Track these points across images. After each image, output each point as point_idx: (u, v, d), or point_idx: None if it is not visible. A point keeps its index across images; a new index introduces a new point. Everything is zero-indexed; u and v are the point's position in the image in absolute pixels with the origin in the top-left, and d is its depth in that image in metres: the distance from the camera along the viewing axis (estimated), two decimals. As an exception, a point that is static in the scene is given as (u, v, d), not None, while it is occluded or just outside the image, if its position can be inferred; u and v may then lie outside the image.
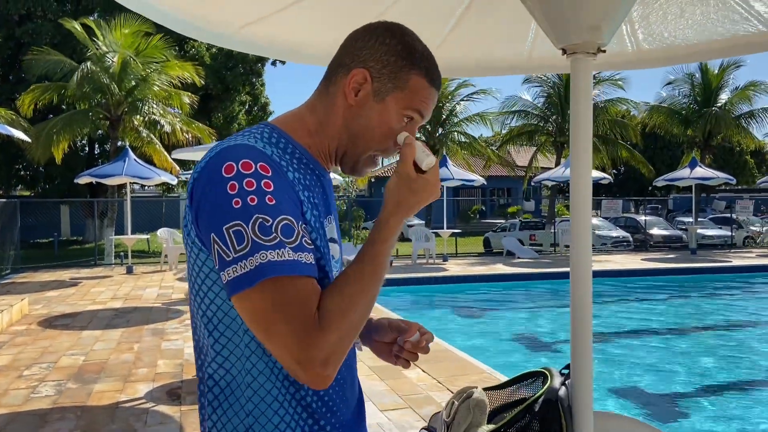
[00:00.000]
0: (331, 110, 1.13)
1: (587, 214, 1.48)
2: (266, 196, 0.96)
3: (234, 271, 0.93)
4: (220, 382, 1.06)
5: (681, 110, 25.90)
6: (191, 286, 1.08)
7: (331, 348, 0.93)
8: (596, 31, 1.45)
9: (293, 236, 0.96)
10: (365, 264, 1.02)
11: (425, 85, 1.11)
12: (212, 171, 0.98)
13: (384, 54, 1.10)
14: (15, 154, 23.04)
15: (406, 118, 1.11)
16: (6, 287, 12.27)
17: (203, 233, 0.98)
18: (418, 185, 1.07)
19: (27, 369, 6.16)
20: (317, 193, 1.10)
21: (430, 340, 1.24)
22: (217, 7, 1.84)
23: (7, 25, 23.47)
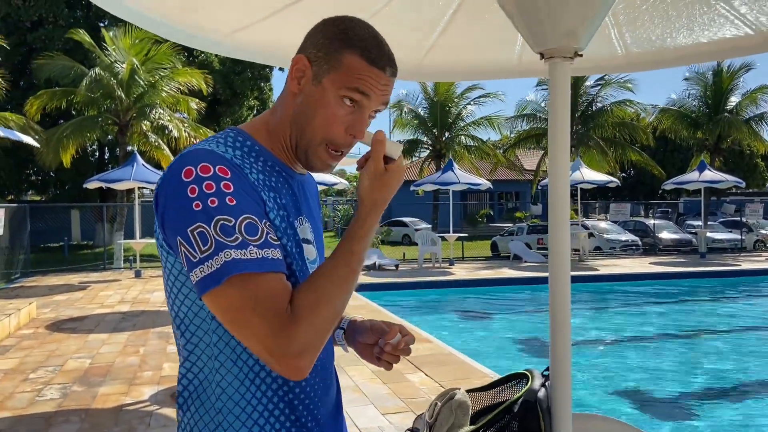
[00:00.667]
0: (284, 105, 1.14)
1: (565, 218, 1.49)
2: (226, 198, 0.98)
3: (201, 271, 0.95)
4: (193, 381, 1.09)
5: (691, 113, 25.75)
6: (166, 290, 1.11)
7: (305, 341, 0.94)
8: (573, 35, 1.46)
9: (257, 234, 0.98)
10: (340, 261, 1.03)
11: (362, 63, 1.08)
12: (173, 176, 1.01)
13: (321, 39, 1.11)
14: (26, 159, 23.27)
15: (348, 101, 1.09)
16: (15, 291, 12.39)
17: (170, 237, 1.01)
18: (389, 178, 1.08)
19: (33, 372, 6.22)
20: (284, 194, 1.11)
21: (411, 342, 1.25)
22: (207, 14, 1.87)
23: (18, 32, 23.72)
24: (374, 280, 14.13)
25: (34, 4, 24.07)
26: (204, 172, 0.99)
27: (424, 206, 28.66)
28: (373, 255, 17.00)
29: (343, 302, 1.02)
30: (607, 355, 8.95)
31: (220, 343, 1.06)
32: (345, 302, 1.03)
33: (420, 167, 28.59)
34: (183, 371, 1.10)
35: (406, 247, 23.40)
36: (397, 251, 21.40)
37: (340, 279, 1.02)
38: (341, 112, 1.09)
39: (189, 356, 1.09)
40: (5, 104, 21.76)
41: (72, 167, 18.67)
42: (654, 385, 7.20)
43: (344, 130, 1.10)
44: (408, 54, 2.33)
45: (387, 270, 16.24)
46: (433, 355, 6.69)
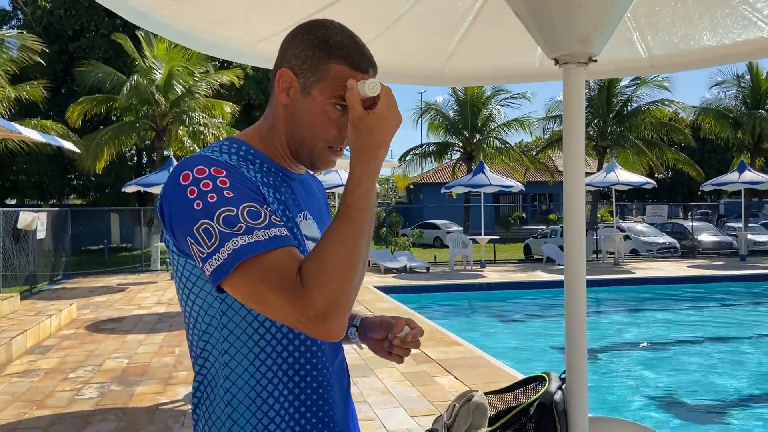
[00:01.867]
0: (274, 113, 1.19)
1: (580, 221, 1.50)
2: (224, 191, 1.03)
3: (212, 264, 1.00)
4: (206, 376, 1.14)
5: (730, 112, 25.10)
6: (179, 293, 1.17)
7: (322, 303, 0.97)
8: (586, 41, 1.47)
9: (261, 218, 1.02)
10: (338, 216, 1.06)
11: (347, 70, 1.13)
12: (172, 183, 1.07)
13: (303, 50, 1.14)
14: (67, 164, 23.97)
15: (338, 107, 1.13)
16: (57, 292, 12.77)
17: (180, 241, 1.07)
18: (369, 122, 1.07)
19: (72, 372, 6.42)
20: (283, 192, 1.16)
21: (419, 335, 1.27)
22: (232, 25, 1.93)
23: (60, 40, 24.47)
24: (405, 283, 14.15)
25: (76, 14, 24.82)
26: (200, 173, 1.04)
27: (456, 208, 28.56)
28: (403, 257, 17.03)
29: (353, 256, 1.02)
30: (643, 359, 8.80)
31: (231, 337, 1.11)
32: (357, 256, 1.02)
33: (452, 170, 28.49)
34: (196, 368, 1.16)
35: (437, 250, 23.36)
36: (428, 254, 21.38)
37: (341, 233, 1.02)
38: (333, 117, 1.14)
39: (201, 353, 1.14)
40: (47, 111, 22.47)
41: (111, 172, 19.18)
42: (689, 392, 7.06)
43: (339, 131, 1.15)
44: (429, 60, 2.36)
45: (418, 272, 16.23)
46: (464, 359, 6.68)
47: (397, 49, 2.16)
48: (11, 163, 22.32)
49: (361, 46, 1.16)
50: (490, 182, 16.47)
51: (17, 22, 27.21)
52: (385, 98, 1.09)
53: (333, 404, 1.19)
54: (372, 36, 2.02)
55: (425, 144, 28.11)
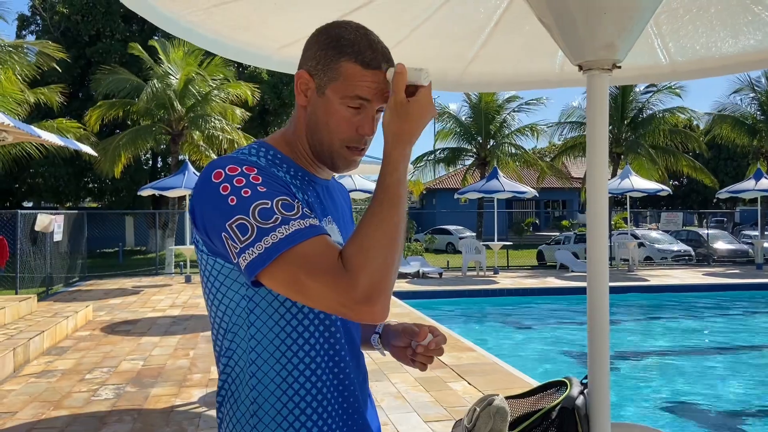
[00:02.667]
0: (297, 116, 1.21)
1: (603, 228, 1.51)
2: (257, 186, 1.05)
3: (249, 255, 1.01)
4: (231, 374, 1.16)
5: (746, 119, 24.86)
6: (205, 292, 1.18)
7: (366, 285, 0.98)
8: (611, 48, 1.48)
9: (294, 209, 1.04)
10: (375, 201, 1.07)
11: (358, 69, 1.13)
12: (204, 183, 1.08)
13: (317, 51, 1.16)
14: (84, 167, 24.23)
15: (350, 107, 1.14)
16: (73, 294, 12.90)
17: (213, 238, 1.08)
18: (410, 109, 1.09)
19: (89, 373, 6.47)
20: (309, 195, 1.18)
21: (442, 343, 1.29)
22: (256, 32, 1.96)
23: (77, 45, 24.78)
24: (418, 288, 14.13)
25: (92, 19, 25.15)
26: (232, 171, 1.07)
27: (469, 214, 28.52)
28: (416, 263, 17.01)
29: (393, 238, 1.04)
30: (655, 368, 8.73)
31: (258, 335, 1.12)
32: (397, 237, 1.04)
33: (463, 175, 28.45)
34: (221, 367, 1.18)
35: (450, 255, 23.33)
36: (440, 259, 21.35)
37: (378, 218, 1.04)
38: (348, 115, 1.15)
39: (226, 352, 1.16)
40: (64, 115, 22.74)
41: (126, 175, 19.36)
42: (703, 400, 6.99)
43: (355, 131, 1.16)
44: (450, 65, 2.37)
45: (431, 278, 16.21)
46: (477, 365, 6.67)
47: (418, 54, 2.18)
48: (28, 166, 22.59)
49: (375, 42, 1.16)
50: (504, 188, 16.44)
51: (36, 27, 27.61)
52: (427, 89, 1.11)
53: (356, 402, 1.21)
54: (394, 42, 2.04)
55: (438, 149, 28.12)
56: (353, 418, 1.20)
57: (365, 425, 1.23)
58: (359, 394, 1.23)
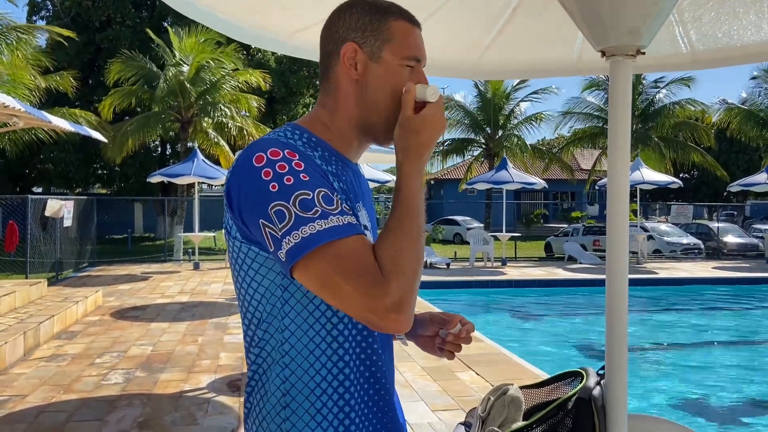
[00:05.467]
0: (340, 96, 1.17)
1: (624, 219, 1.48)
2: (300, 174, 1.02)
3: (287, 244, 0.99)
4: (262, 365, 1.13)
5: (759, 111, 24.60)
6: (236, 282, 1.15)
7: (399, 293, 0.98)
8: (635, 33, 1.45)
9: (334, 203, 1.02)
10: (395, 212, 1.07)
11: (407, 25, 1.15)
12: (244, 165, 1.05)
13: (357, 21, 1.14)
14: (93, 153, 24.33)
15: (407, 68, 1.15)
16: (82, 280, 12.98)
17: (250, 224, 1.05)
18: (417, 123, 1.10)
19: (99, 357, 6.52)
20: (344, 180, 1.15)
21: (471, 330, 1.28)
22: (272, 16, 1.94)
23: (87, 31, 24.80)
24: (425, 278, 14.13)
25: (103, 5, 25.14)
26: (274, 155, 1.04)
27: (477, 205, 28.45)
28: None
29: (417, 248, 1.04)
30: (663, 360, 8.70)
31: (291, 326, 1.09)
32: (420, 247, 1.05)
33: (468, 166, 28.35)
34: (252, 357, 1.15)
35: (457, 246, 23.30)
36: (448, 250, 21.34)
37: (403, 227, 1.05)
38: (405, 75, 1.15)
39: (258, 342, 1.13)
40: (75, 101, 22.80)
41: (135, 162, 19.43)
42: (713, 392, 6.96)
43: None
44: (465, 52, 2.34)
45: (438, 268, 16.21)
46: (484, 355, 6.67)
47: (434, 41, 2.14)
48: (39, 151, 22.70)
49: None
50: (513, 179, 16.38)
51: (46, 13, 27.63)
52: (435, 105, 1.12)
53: (387, 394, 1.19)
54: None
55: (447, 140, 28.02)
56: (383, 410, 1.18)
57: (396, 421, 1.22)
58: (390, 388, 1.21)
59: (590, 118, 25.68)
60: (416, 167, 1.10)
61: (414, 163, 1.10)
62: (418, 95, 1.11)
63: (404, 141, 1.11)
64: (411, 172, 1.10)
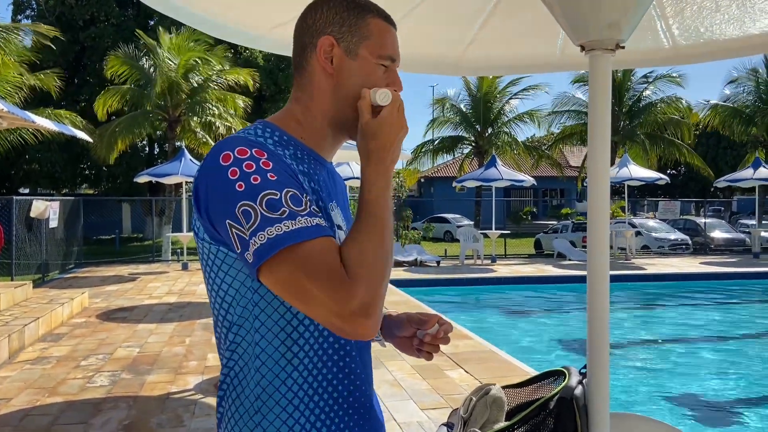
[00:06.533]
0: (314, 91, 1.15)
1: (605, 215, 1.47)
2: (267, 174, 1.00)
3: (253, 245, 0.96)
4: (234, 368, 1.10)
5: (744, 108, 24.78)
6: (207, 283, 1.12)
7: (366, 296, 0.96)
8: (615, 27, 1.43)
9: (302, 204, 0.99)
10: (361, 216, 1.05)
11: (384, 24, 1.14)
12: (211, 164, 1.03)
13: (335, 15, 1.13)
14: (80, 153, 24.12)
15: (382, 66, 1.14)
16: (69, 281, 12.86)
17: (217, 224, 1.02)
18: (374, 128, 1.09)
19: (84, 359, 6.45)
20: (316, 180, 1.13)
21: (449, 331, 1.26)
22: (249, 11, 1.91)
23: (71, 30, 24.56)
24: (415, 276, 14.12)
25: (86, 3, 24.92)
26: (241, 154, 1.01)
27: (467, 203, 28.50)
28: (414, 251, 17.00)
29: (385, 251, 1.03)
30: (651, 356, 8.74)
31: (262, 329, 1.07)
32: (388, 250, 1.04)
33: (460, 164, 28.41)
34: (224, 360, 1.12)
35: (447, 244, 23.32)
36: (438, 247, 21.34)
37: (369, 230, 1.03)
38: (381, 74, 1.14)
39: (230, 345, 1.10)
40: (60, 101, 22.59)
41: (123, 162, 19.27)
42: (699, 389, 7.00)
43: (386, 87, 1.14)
44: (448, 48, 2.32)
45: (428, 266, 16.21)
46: (474, 352, 6.66)
47: (415, 37, 2.12)
48: (24, 152, 22.47)
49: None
50: (502, 176, 16.39)
51: (31, 12, 27.37)
52: (390, 106, 1.10)
53: (363, 396, 1.17)
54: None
55: (437, 138, 28.05)
56: (360, 412, 1.15)
57: (374, 421, 1.19)
58: (366, 389, 1.19)
59: (580, 115, 25.77)
60: (379, 171, 1.08)
61: (376, 167, 1.09)
62: (372, 99, 1.10)
63: (364, 146, 1.10)
64: (374, 177, 1.08)
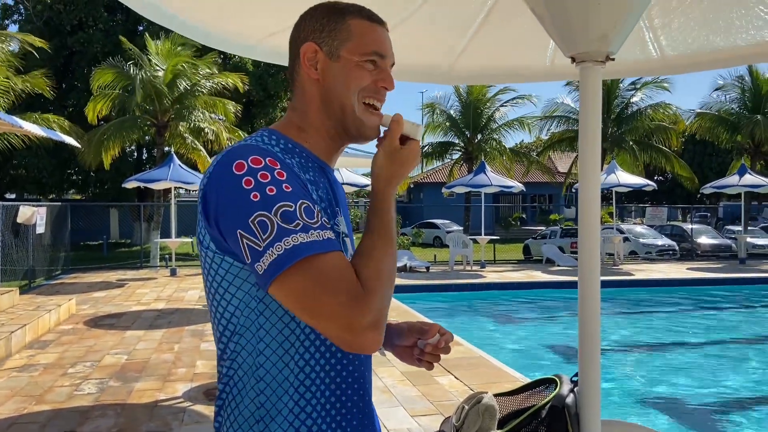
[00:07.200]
0: (305, 98, 1.17)
1: (595, 223, 1.48)
2: (282, 185, 1.00)
3: (269, 257, 0.96)
4: (233, 377, 1.10)
5: (729, 116, 25.06)
6: (208, 292, 1.12)
7: (378, 310, 0.98)
8: (604, 39, 1.45)
9: (315, 217, 1.00)
10: (377, 233, 1.08)
11: (365, 23, 1.15)
12: (223, 172, 1.02)
13: (316, 22, 1.16)
14: (67, 158, 23.92)
15: (369, 64, 1.15)
16: (56, 287, 12.75)
17: (227, 233, 1.02)
18: (404, 156, 1.14)
19: (72, 367, 6.39)
20: (321, 188, 1.13)
21: (450, 341, 1.27)
22: (242, 20, 1.91)
23: (59, 35, 24.40)
24: (405, 282, 14.13)
25: (75, 9, 24.76)
26: (255, 163, 1.01)
27: (456, 208, 28.56)
28: (403, 257, 17.02)
29: (393, 271, 1.06)
30: (640, 362, 8.79)
31: (266, 338, 1.07)
32: (394, 272, 1.07)
33: (450, 169, 28.50)
34: (224, 370, 1.11)
35: (437, 249, 23.35)
36: (428, 253, 21.36)
37: (383, 247, 1.06)
38: (367, 72, 1.15)
39: (231, 354, 1.10)
40: (48, 106, 22.42)
41: (111, 167, 19.11)
42: (688, 394, 7.05)
43: (373, 82, 1.15)
44: (440, 58, 2.34)
45: (418, 272, 16.22)
46: (464, 358, 6.67)
47: (407, 46, 2.13)
48: (11, 157, 22.27)
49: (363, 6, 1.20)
50: (491, 182, 16.47)
51: (19, 17, 27.18)
52: (417, 142, 1.16)
53: (365, 403, 1.17)
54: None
55: (428, 144, 28.11)
56: (363, 423, 1.15)
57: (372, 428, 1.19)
58: (368, 398, 1.19)
59: (569, 122, 25.94)
60: (393, 192, 1.15)
61: (394, 189, 1.15)
62: (406, 130, 1.15)
63: (389, 170, 1.14)
64: (390, 197, 1.14)
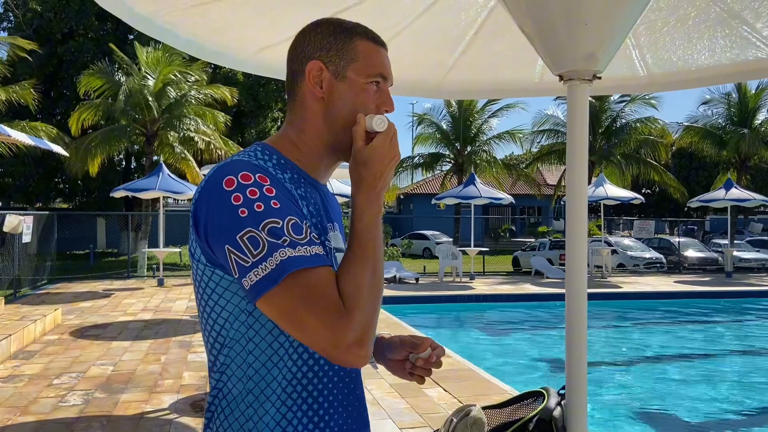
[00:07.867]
0: (306, 115, 1.17)
1: (582, 237, 1.51)
2: (271, 201, 1.01)
3: (256, 274, 0.97)
4: (223, 389, 1.10)
5: (716, 130, 25.39)
6: (199, 304, 1.13)
7: (361, 327, 0.98)
8: (592, 58, 1.48)
9: (303, 233, 1.01)
10: (352, 246, 1.07)
11: (372, 45, 1.16)
12: (213, 188, 1.03)
13: (322, 40, 1.15)
14: (54, 167, 23.75)
15: (374, 85, 1.16)
16: (41, 297, 12.62)
17: (215, 248, 1.03)
18: (366, 155, 1.10)
19: (57, 378, 6.32)
20: (313, 204, 1.14)
21: (441, 355, 1.28)
22: (235, 34, 1.93)
23: (49, 44, 24.32)
24: (394, 293, 14.11)
25: (65, 17, 24.70)
26: (245, 180, 1.02)
27: (446, 220, 28.63)
28: (393, 268, 17.01)
29: (376, 283, 1.04)
30: (627, 375, 8.83)
31: (256, 351, 1.07)
32: (379, 278, 1.06)
33: (441, 180, 28.62)
34: (213, 382, 1.12)
35: (426, 261, 23.36)
36: (417, 264, 21.37)
37: (360, 259, 1.05)
38: (371, 94, 1.16)
39: (220, 367, 1.10)
40: (36, 114, 22.30)
41: (99, 176, 19.02)
42: (675, 407, 7.08)
43: (376, 108, 1.16)
44: (430, 72, 2.37)
45: (407, 283, 16.22)
46: (453, 371, 6.66)
47: (398, 61, 2.16)
48: (-2, 165, 22.10)
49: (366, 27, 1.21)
50: (481, 194, 16.52)
51: (8, 24, 27.06)
52: (383, 134, 1.12)
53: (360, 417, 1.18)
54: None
55: (417, 155, 28.21)
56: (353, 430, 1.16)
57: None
58: (362, 409, 1.20)
59: (557, 135, 26.15)
60: (369, 198, 1.10)
61: (367, 194, 1.10)
62: (367, 125, 1.12)
63: (356, 173, 1.11)
64: (365, 204, 1.10)
